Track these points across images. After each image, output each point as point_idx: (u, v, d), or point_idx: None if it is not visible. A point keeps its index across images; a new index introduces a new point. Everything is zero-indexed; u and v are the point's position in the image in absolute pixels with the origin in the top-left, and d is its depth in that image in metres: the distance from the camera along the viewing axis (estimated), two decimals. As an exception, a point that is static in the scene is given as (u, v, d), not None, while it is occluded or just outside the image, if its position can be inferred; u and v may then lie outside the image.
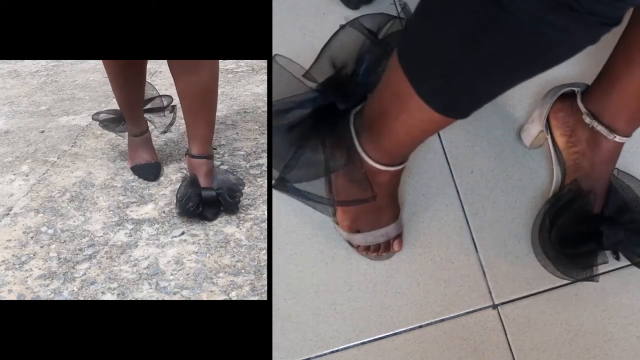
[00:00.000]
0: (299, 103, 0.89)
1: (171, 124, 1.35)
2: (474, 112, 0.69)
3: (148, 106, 1.33)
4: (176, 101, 1.28)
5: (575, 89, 0.93)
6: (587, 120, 0.89)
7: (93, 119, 1.36)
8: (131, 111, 1.28)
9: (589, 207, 0.91)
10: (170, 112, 1.35)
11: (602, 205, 0.93)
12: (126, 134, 1.32)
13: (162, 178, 1.27)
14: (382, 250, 0.97)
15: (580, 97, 0.91)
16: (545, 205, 0.93)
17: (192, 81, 1.09)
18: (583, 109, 0.90)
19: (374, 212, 0.93)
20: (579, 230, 0.90)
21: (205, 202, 1.11)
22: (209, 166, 1.14)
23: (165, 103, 1.34)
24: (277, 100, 0.89)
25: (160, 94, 1.36)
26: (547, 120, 0.96)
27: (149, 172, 1.28)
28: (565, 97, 0.94)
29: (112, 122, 1.32)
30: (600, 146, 0.90)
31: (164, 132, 1.39)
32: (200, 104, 1.12)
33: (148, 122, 1.33)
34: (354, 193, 0.90)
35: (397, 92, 0.72)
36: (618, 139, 0.88)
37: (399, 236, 0.97)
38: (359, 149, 0.86)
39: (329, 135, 0.88)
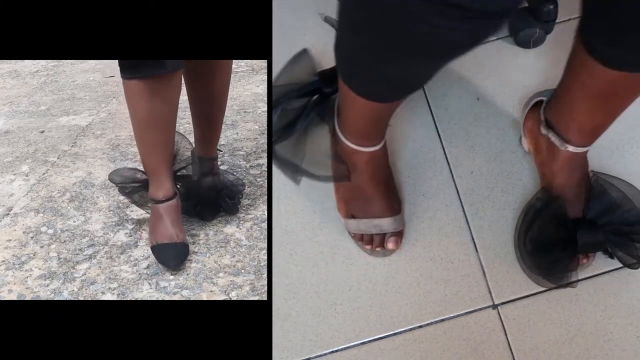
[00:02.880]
0: (299, 86, 0.99)
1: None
2: (409, 95, 0.77)
3: (179, 170, 1.10)
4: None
5: (544, 97, 0.93)
6: (543, 130, 0.90)
7: (110, 179, 1.09)
8: (156, 161, 1.02)
9: (560, 212, 0.90)
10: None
11: (581, 209, 0.92)
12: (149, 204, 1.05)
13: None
14: (375, 243, 0.97)
15: (544, 106, 0.92)
16: (520, 215, 0.95)
17: (205, 87, 1.08)
18: (542, 118, 0.91)
19: (361, 199, 0.95)
20: (553, 236, 0.90)
21: (204, 203, 1.10)
22: (212, 167, 1.14)
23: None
24: (280, 85, 0.99)
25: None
26: (524, 129, 0.98)
27: (171, 254, 0.99)
28: (536, 106, 0.95)
29: (133, 185, 1.07)
30: (557, 156, 0.90)
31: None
32: (210, 109, 1.11)
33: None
34: (333, 170, 0.97)
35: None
36: (572, 149, 0.87)
37: (397, 235, 0.97)
38: (337, 128, 0.93)
39: (319, 112, 0.99)
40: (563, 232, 0.90)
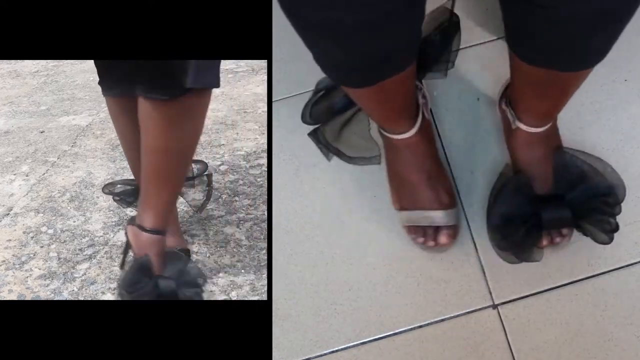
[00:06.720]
0: None
1: (207, 199, 1.05)
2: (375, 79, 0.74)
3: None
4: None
5: None
6: (504, 105, 0.93)
7: (104, 192, 1.06)
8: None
9: (523, 186, 0.89)
10: (206, 187, 1.04)
11: (548, 186, 0.90)
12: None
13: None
14: (428, 238, 0.94)
15: (509, 82, 0.94)
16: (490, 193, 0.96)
17: (171, 138, 0.81)
18: (507, 94, 0.93)
19: (408, 188, 0.95)
20: (517, 211, 0.88)
21: (161, 296, 0.82)
22: (163, 245, 0.86)
23: (196, 171, 1.03)
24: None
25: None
26: (498, 102, 1.00)
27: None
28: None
29: (129, 195, 1.02)
30: (513, 133, 0.92)
31: (199, 211, 1.06)
32: (176, 165, 0.84)
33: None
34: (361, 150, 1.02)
35: None
36: (524, 127, 0.89)
37: (451, 229, 0.95)
38: None
39: None
40: (527, 208, 0.88)
